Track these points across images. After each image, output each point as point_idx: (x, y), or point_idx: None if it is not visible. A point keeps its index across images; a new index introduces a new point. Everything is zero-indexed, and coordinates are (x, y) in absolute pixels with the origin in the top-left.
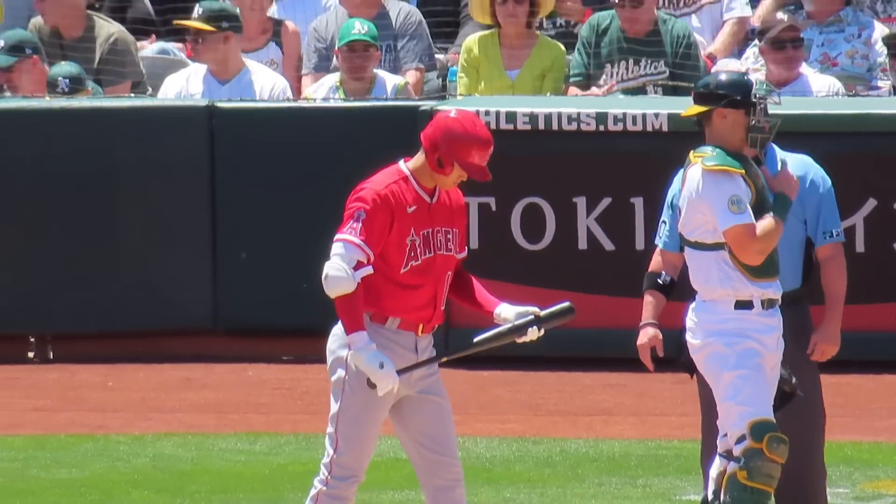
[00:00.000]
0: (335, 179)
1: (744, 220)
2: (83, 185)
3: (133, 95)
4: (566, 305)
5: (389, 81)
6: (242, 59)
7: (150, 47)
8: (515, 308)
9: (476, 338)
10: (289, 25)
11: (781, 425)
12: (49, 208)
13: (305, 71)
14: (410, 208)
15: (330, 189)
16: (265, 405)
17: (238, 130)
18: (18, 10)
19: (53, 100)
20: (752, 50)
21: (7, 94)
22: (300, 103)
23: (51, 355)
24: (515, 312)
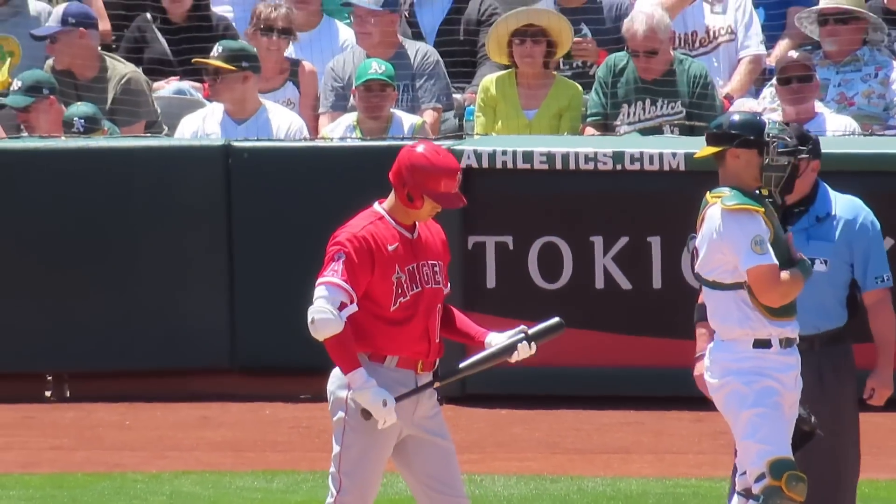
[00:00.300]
0: None
1: (767, 261)
2: (99, 225)
3: (150, 135)
4: (555, 321)
5: (406, 121)
6: (259, 99)
7: (167, 87)
8: (506, 333)
9: (464, 362)
10: (306, 65)
11: (816, 462)
12: (66, 247)
13: (323, 110)
14: (391, 246)
15: None
16: (282, 443)
17: (255, 170)
18: (36, 51)
19: (70, 139)
20: (769, 90)
21: (24, 134)
22: (317, 142)
23: (68, 394)
24: (506, 336)
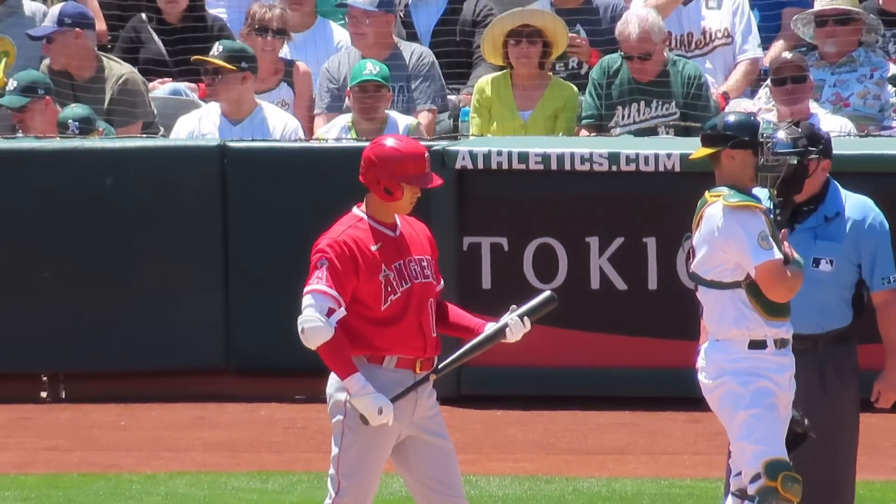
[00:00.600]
0: None
1: (775, 257)
2: (95, 225)
3: (146, 135)
4: (547, 294)
5: (401, 122)
6: (255, 100)
7: (162, 88)
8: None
9: (457, 351)
10: (300, 66)
11: (813, 463)
12: (62, 248)
13: (318, 111)
14: (374, 246)
15: None
16: (278, 444)
17: (250, 170)
18: (31, 51)
19: (65, 140)
20: (765, 91)
21: (20, 135)
22: (312, 143)
23: (63, 395)
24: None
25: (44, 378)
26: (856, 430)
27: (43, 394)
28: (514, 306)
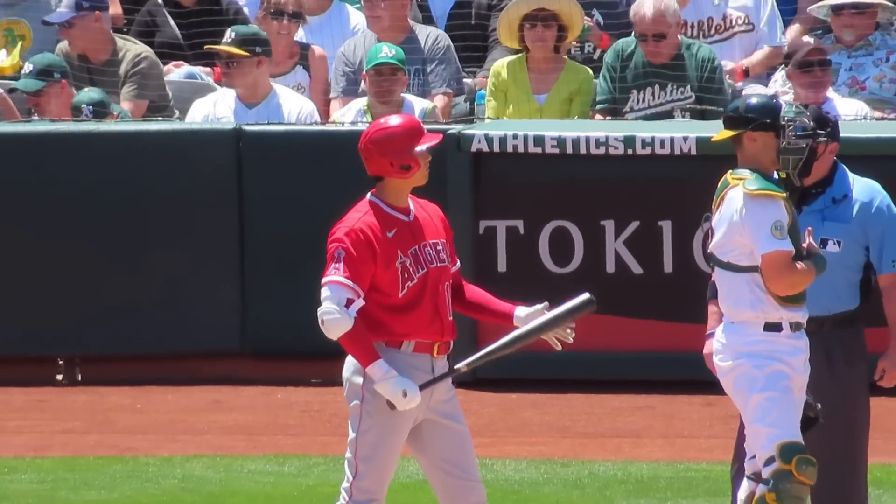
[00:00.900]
0: None
1: (785, 247)
2: (111, 209)
3: (161, 119)
4: (585, 297)
5: (417, 105)
6: (271, 83)
7: (177, 71)
8: (535, 307)
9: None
10: (316, 50)
11: (825, 446)
12: (77, 231)
13: (333, 94)
14: (390, 233)
15: None
16: (294, 427)
17: (266, 154)
18: (47, 34)
19: (81, 123)
20: (780, 74)
21: (35, 118)
22: (328, 127)
23: (79, 378)
24: (534, 311)
25: (60, 361)
26: (866, 414)
27: (59, 377)
28: (547, 303)
